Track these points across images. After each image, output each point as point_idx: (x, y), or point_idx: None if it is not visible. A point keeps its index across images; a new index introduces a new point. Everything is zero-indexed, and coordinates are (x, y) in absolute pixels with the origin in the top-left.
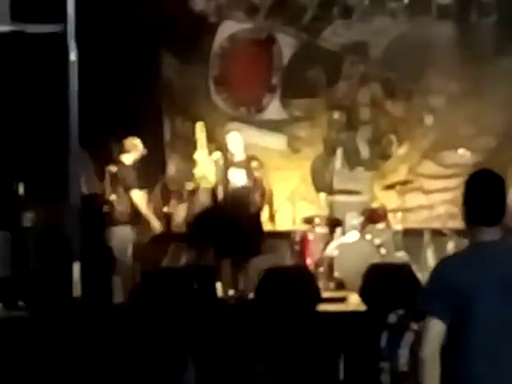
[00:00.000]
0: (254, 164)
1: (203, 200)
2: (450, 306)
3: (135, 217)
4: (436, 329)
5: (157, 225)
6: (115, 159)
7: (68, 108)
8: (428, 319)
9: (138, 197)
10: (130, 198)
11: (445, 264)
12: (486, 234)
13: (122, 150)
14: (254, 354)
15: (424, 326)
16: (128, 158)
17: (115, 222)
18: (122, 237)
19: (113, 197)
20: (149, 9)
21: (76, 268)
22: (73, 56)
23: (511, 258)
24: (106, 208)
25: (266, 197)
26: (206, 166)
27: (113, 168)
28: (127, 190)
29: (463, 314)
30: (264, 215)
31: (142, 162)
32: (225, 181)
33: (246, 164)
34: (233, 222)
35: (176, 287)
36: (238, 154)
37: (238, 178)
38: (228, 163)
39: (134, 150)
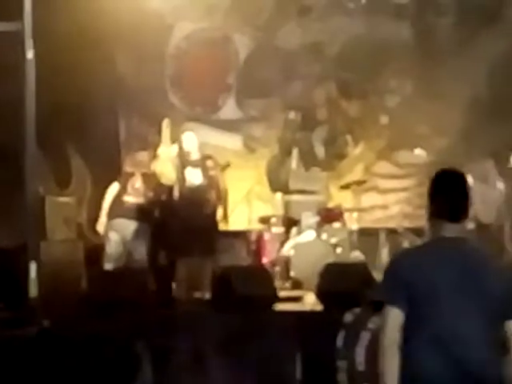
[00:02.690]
0: (209, 163)
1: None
2: (407, 296)
3: None
4: (395, 318)
5: None
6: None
7: (24, 107)
8: (387, 309)
9: None
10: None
11: (402, 255)
12: (449, 230)
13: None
14: (210, 353)
15: (383, 315)
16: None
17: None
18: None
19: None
20: (105, 8)
21: (32, 267)
22: (30, 54)
23: (470, 255)
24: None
25: (221, 196)
26: (166, 163)
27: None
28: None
29: (419, 304)
30: (219, 214)
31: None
32: (181, 180)
33: (201, 163)
34: (189, 221)
35: (132, 286)
36: (194, 153)
37: (194, 177)
38: (184, 162)
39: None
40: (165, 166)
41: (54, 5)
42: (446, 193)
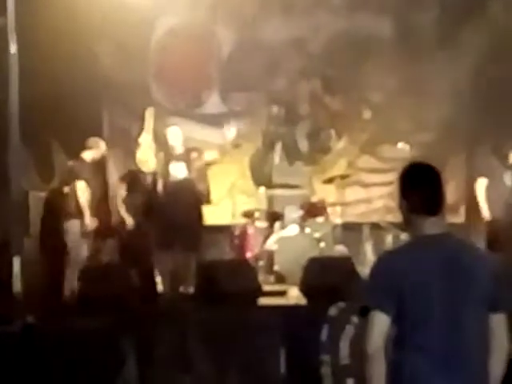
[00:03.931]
0: (193, 155)
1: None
2: (395, 299)
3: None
4: (381, 323)
5: (89, 221)
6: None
7: (8, 102)
8: (372, 313)
9: (81, 189)
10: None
11: (387, 258)
12: (430, 225)
13: (85, 147)
14: (195, 348)
15: (369, 320)
16: (88, 155)
17: (68, 216)
18: (74, 230)
19: (66, 189)
20: (88, 2)
21: (16, 263)
22: (13, 49)
23: (458, 252)
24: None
25: (209, 187)
26: (148, 151)
27: (70, 162)
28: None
29: (408, 306)
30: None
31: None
32: (166, 174)
33: (185, 156)
34: (174, 215)
35: (116, 281)
36: (178, 148)
37: (178, 171)
38: (168, 157)
39: (95, 148)
40: (145, 153)
41: (37, 0)
42: (421, 186)
